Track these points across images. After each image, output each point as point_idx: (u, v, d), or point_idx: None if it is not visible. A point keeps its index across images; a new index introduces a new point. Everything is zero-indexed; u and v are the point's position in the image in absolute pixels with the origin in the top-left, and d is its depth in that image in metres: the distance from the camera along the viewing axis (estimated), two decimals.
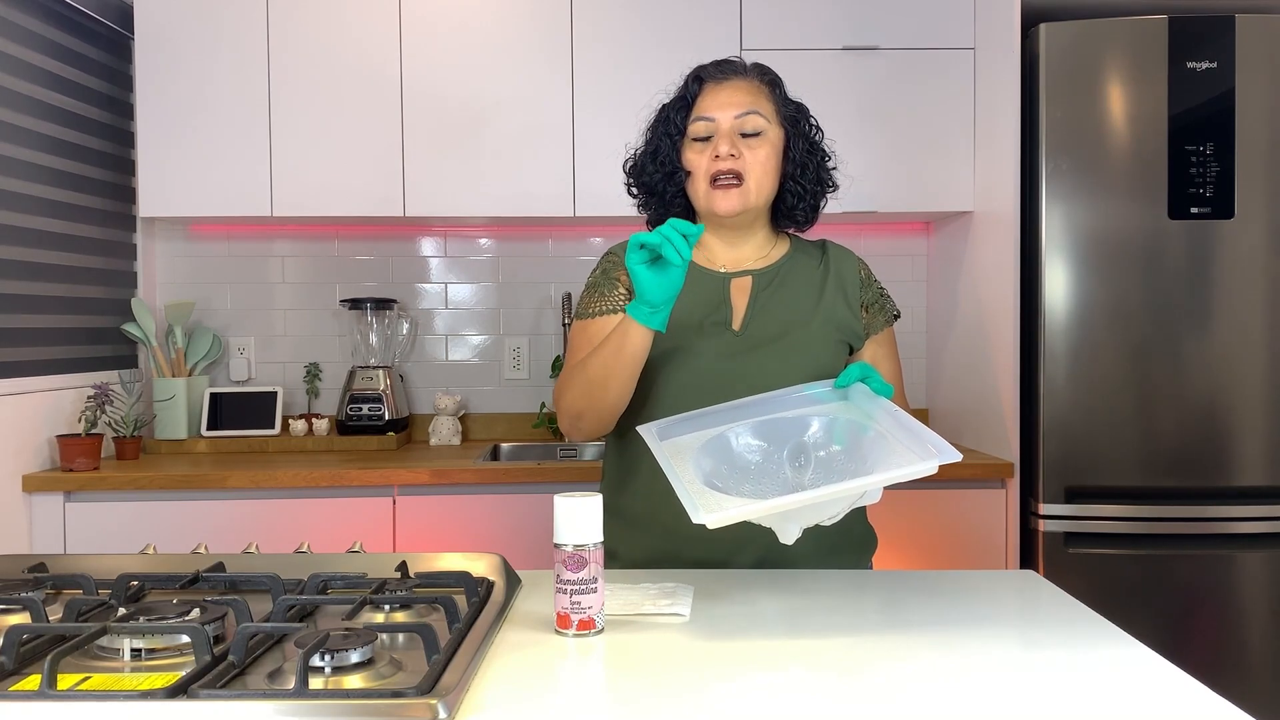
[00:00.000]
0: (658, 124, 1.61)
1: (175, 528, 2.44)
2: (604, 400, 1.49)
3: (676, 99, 1.59)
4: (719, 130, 1.54)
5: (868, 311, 1.62)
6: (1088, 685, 1.00)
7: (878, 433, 1.30)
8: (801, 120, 1.60)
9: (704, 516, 1.13)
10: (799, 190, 1.59)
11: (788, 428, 1.37)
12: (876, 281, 1.66)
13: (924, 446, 1.19)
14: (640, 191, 1.64)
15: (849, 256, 1.66)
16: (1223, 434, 2.40)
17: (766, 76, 1.60)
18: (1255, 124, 2.39)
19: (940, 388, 3.05)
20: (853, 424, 1.35)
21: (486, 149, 2.76)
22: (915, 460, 1.16)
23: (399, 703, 0.89)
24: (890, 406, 1.33)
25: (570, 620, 1.13)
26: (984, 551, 2.52)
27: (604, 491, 1.65)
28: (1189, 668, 1.09)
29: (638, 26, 2.75)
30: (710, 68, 1.59)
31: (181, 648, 1.04)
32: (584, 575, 1.13)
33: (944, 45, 2.76)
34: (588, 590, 1.13)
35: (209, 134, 2.74)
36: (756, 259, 1.62)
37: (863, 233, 3.14)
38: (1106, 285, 2.41)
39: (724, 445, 1.36)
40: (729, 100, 1.55)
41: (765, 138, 1.55)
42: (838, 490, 1.18)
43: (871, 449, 1.29)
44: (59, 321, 2.63)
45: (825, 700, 0.96)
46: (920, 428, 1.25)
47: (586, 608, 1.13)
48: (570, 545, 1.13)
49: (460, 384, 3.14)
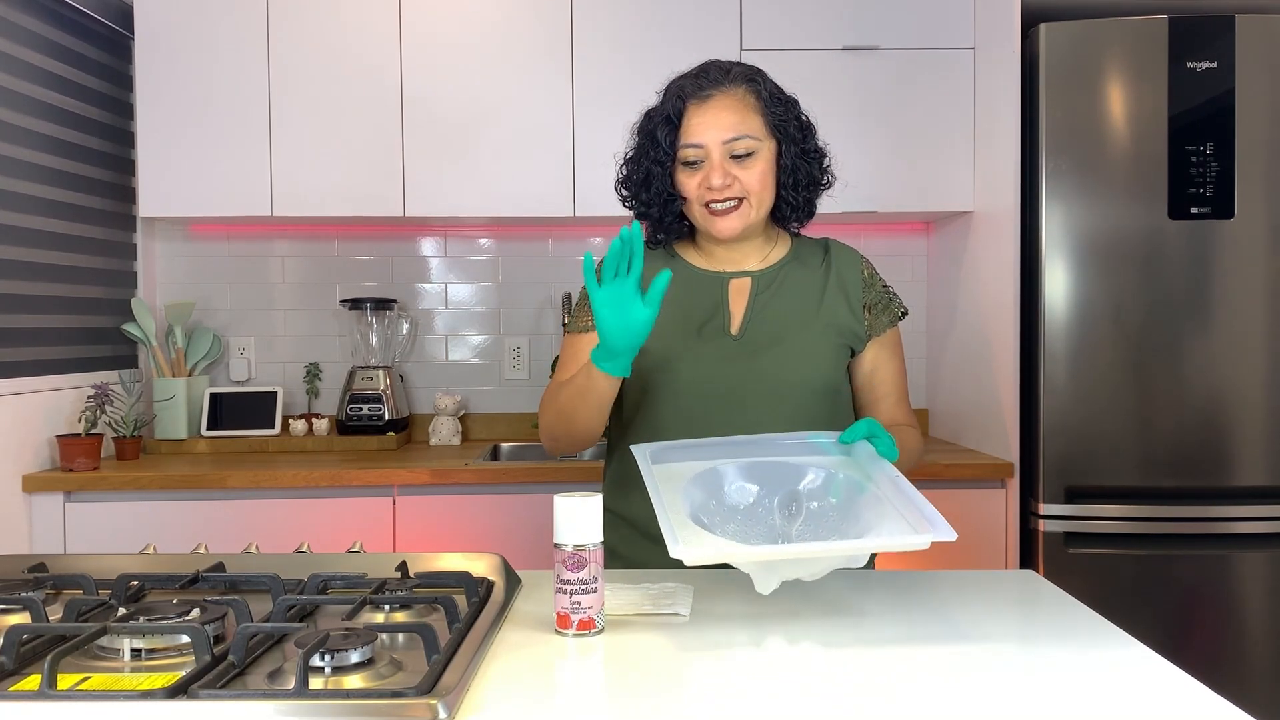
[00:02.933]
0: (645, 145, 1.56)
1: (175, 528, 2.44)
2: (575, 431, 1.52)
3: (662, 117, 1.53)
4: (709, 158, 1.50)
5: (870, 312, 1.60)
6: (1088, 685, 1.00)
7: (875, 496, 1.26)
8: (791, 124, 1.55)
9: (682, 551, 1.10)
10: (794, 197, 1.57)
11: (784, 473, 1.34)
12: (880, 280, 1.64)
13: (920, 519, 1.15)
14: (635, 208, 1.61)
15: (852, 256, 1.64)
16: (1222, 434, 2.40)
17: (752, 84, 1.53)
18: (1255, 124, 2.39)
19: (940, 388, 3.05)
20: (851, 482, 1.31)
21: (486, 149, 2.76)
22: (908, 532, 1.12)
23: (399, 703, 0.89)
24: (892, 471, 1.29)
25: (570, 620, 1.13)
26: (984, 551, 2.52)
27: (605, 494, 1.65)
28: (1189, 668, 1.08)
29: (638, 26, 2.75)
30: (690, 85, 1.53)
31: (181, 648, 1.04)
32: (584, 575, 1.13)
33: (944, 45, 2.76)
34: (587, 590, 1.13)
35: (209, 134, 2.74)
36: (756, 260, 1.61)
37: (863, 233, 3.14)
38: (1106, 285, 2.41)
39: (716, 480, 1.33)
40: (715, 122, 1.50)
41: (758, 155, 1.51)
42: (823, 550, 1.17)
43: (865, 511, 1.25)
44: (59, 321, 2.63)
45: (825, 700, 0.96)
46: (919, 498, 1.20)
47: (586, 608, 1.13)
48: (570, 545, 1.13)
49: (460, 384, 3.14)
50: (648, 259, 1.62)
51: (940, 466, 2.51)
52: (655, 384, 1.55)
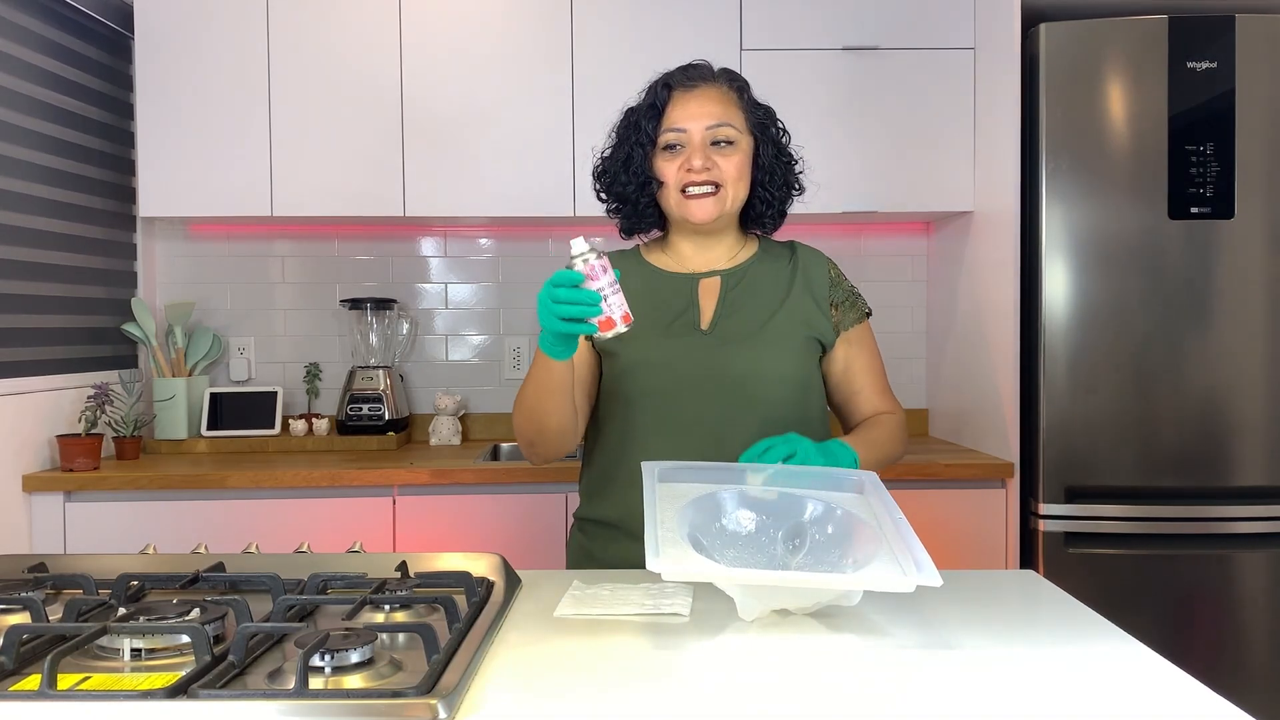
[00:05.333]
0: (627, 131, 1.60)
1: (175, 528, 2.44)
2: (546, 427, 1.52)
3: (646, 106, 1.58)
4: (690, 142, 1.55)
5: (838, 310, 1.63)
6: (1087, 685, 1.00)
7: (874, 533, 1.24)
8: (769, 125, 1.61)
9: (660, 565, 1.10)
10: (768, 195, 1.61)
11: (786, 504, 1.33)
12: (846, 280, 1.68)
13: (910, 562, 1.14)
14: (611, 198, 1.63)
15: (818, 257, 1.68)
16: (1222, 434, 2.40)
17: (735, 83, 1.60)
18: (1255, 124, 2.39)
19: (940, 388, 3.05)
20: (850, 517, 1.30)
21: (486, 148, 2.76)
22: (896, 575, 1.12)
23: (399, 703, 0.89)
24: (897, 513, 1.28)
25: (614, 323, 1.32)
26: (984, 551, 2.52)
27: (581, 503, 1.67)
28: (1189, 667, 1.08)
29: (638, 26, 2.74)
30: (678, 75, 1.59)
31: (181, 648, 1.04)
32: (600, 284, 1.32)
33: (944, 45, 2.76)
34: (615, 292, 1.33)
35: (209, 134, 2.74)
36: (725, 260, 1.64)
37: (863, 233, 3.14)
38: (1106, 285, 2.41)
39: (716, 505, 1.32)
40: (699, 110, 1.55)
41: (736, 146, 1.56)
42: (801, 581, 1.17)
43: (861, 548, 1.23)
44: (59, 321, 2.63)
45: (826, 700, 0.96)
46: (915, 542, 1.20)
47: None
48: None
49: (460, 384, 3.14)
50: (616, 264, 1.63)
51: (940, 466, 2.51)
52: (626, 382, 1.57)
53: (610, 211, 1.66)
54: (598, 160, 1.65)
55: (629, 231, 1.66)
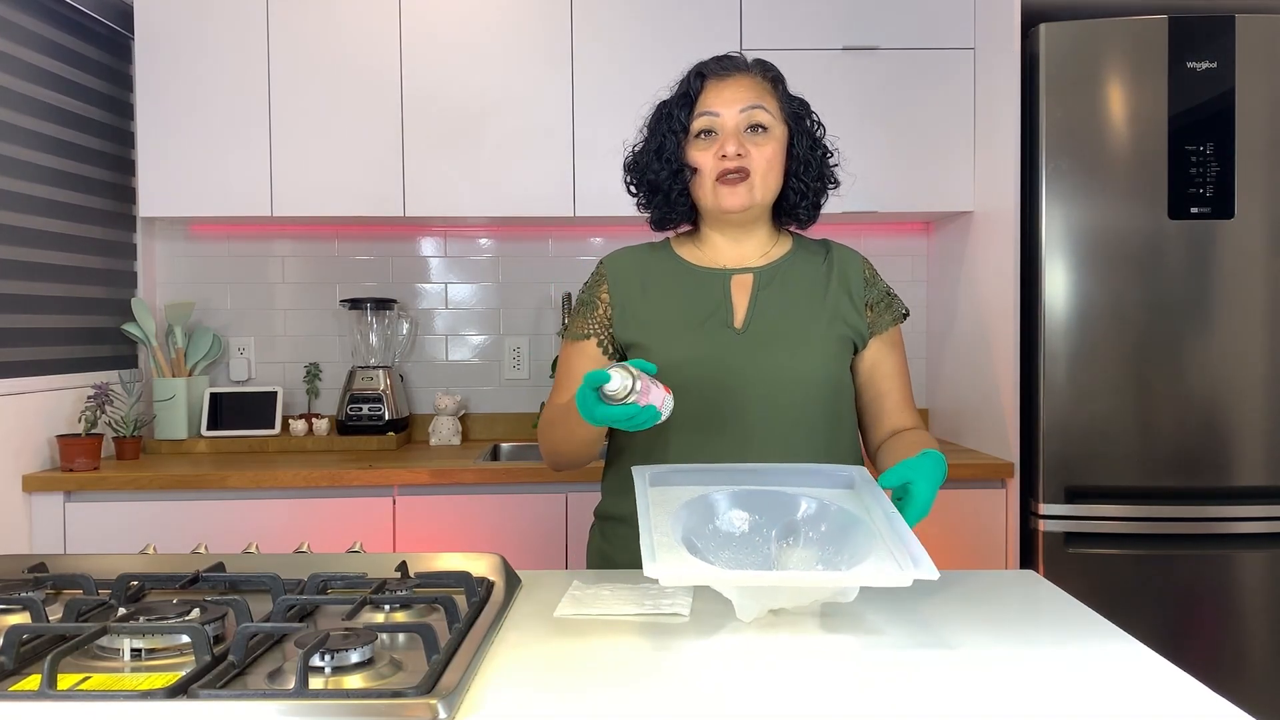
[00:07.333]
0: (659, 121, 1.58)
1: (175, 528, 2.44)
2: (573, 461, 1.58)
3: (678, 95, 1.57)
4: (724, 127, 1.53)
5: (872, 310, 1.60)
6: (1087, 684, 1.00)
7: (868, 530, 1.24)
8: (804, 117, 1.58)
9: (657, 569, 1.10)
10: (802, 188, 1.58)
11: (779, 503, 1.33)
12: (882, 281, 1.65)
13: (906, 556, 1.14)
14: (641, 190, 1.61)
15: (853, 256, 1.65)
16: (1223, 434, 2.40)
17: (769, 73, 1.58)
18: (1255, 124, 2.39)
19: (940, 388, 3.05)
20: (844, 514, 1.30)
21: (486, 148, 2.76)
22: (893, 570, 1.12)
23: (399, 703, 0.89)
24: (888, 506, 1.28)
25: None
26: (984, 551, 2.52)
27: (603, 498, 1.66)
28: (1189, 667, 1.08)
29: (638, 26, 2.75)
30: (712, 64, 1.57)
31: (181, 648, 1.04)
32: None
33: (944, 45, 2.76)
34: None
35: (209, 134, 2.74)
36: (758, 256, 1.61)
37: (863, 232, 3.14)
38: (1106, 285, 2.41)
39: (709, 507, 1.32)
40: (733, 96, 1.53)
41: (770, 134, 1.53)
42: (798, 580, 1.17)
43: (856, 545, 1.23)
44: (59, 321, 2.63)
45: (826, 699, 0.96)
46: (909, 536, 1.20)
47: None
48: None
49: (460, 384, 3.14)
50: (649, 260, 1.63)
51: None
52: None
53: (640, 206, 1.63)
54: (628, 154, 1.63)
55: (660, 224, 1.63)
